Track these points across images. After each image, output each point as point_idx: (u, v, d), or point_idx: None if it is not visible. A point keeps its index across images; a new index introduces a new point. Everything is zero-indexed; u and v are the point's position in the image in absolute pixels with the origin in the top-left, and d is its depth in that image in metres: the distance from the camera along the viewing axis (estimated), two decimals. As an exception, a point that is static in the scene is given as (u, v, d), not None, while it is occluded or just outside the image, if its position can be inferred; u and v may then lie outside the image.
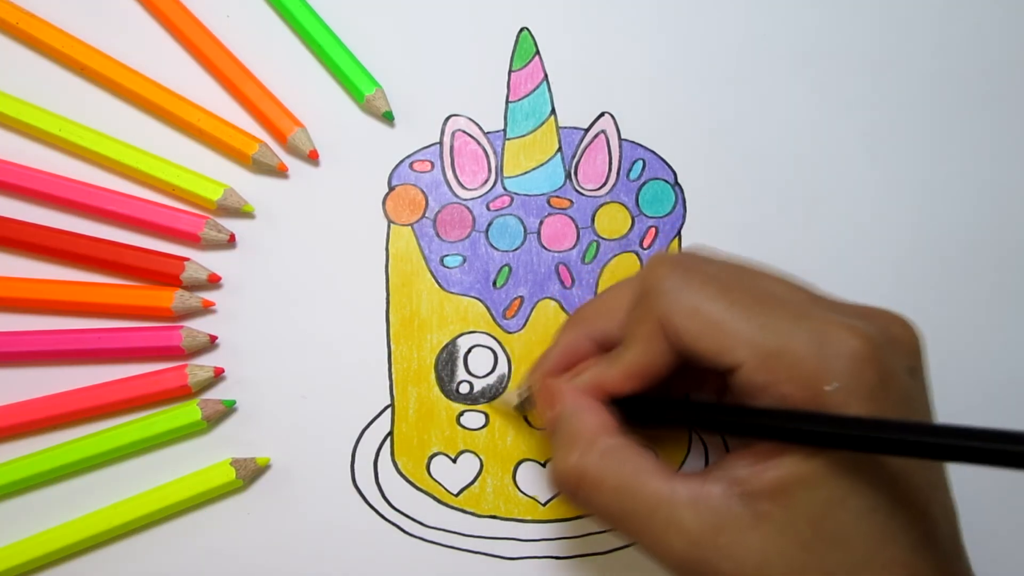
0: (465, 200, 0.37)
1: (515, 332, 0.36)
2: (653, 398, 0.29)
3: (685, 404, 0.29)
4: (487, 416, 0.36)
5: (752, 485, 0.25)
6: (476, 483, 0.35)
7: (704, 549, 0.25)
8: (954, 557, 0.26)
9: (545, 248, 0.36)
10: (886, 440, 0.23)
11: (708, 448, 0.35)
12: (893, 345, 0.26)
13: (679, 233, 0.37)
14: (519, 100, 0.37)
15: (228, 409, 0.35)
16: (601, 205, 0.37)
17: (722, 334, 0.26)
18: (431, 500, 0.35)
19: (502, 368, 0.36)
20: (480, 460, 0.35)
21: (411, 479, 0.35)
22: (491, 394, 0.36)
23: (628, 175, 0.37)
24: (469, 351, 0.36)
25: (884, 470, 0.25)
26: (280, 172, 0.36)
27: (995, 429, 0.22)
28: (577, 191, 0.37)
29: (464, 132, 0.37)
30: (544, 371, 0.31)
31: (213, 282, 0.35)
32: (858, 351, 0.24)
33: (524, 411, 0.34)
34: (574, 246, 0.36)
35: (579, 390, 0.29)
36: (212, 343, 0.35)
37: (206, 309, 0.35)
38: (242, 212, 0.36)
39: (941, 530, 0.26)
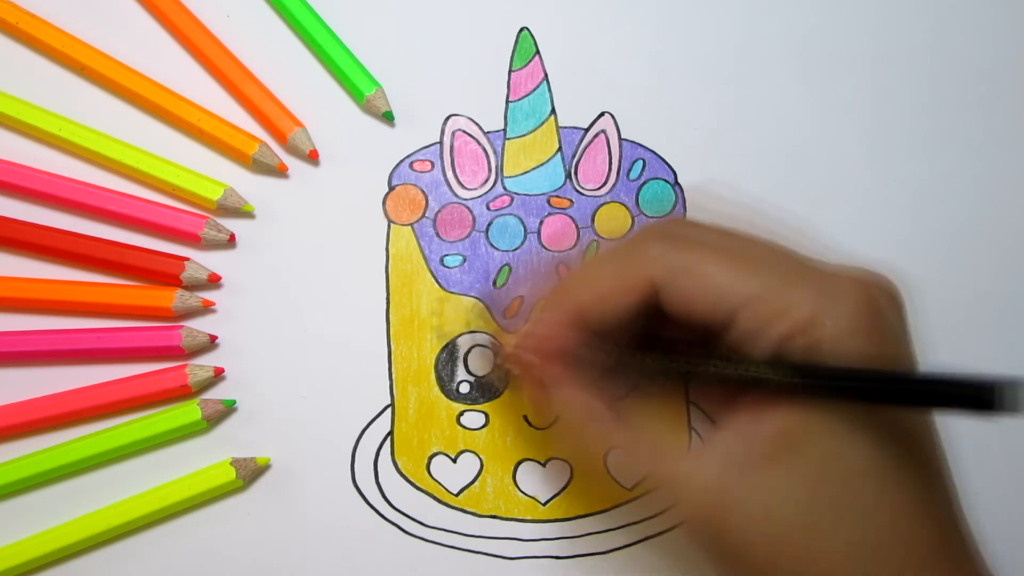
0: (465, 200, 0.37)
1: (515, 332, 0.36)
2: (646, 342, 0.29)
3: (675, 348, 0.29)
4: (487, 416, 0.36)
5: (761, 433, 0.25)
6: (476, 483, 0.35)
7: (718, 494, 0.25)
8: (956, 510, 0.26)
9: (545, 248, 0.36)
10: (880, 390, 0.23)
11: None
12: (889, 297, 0.27)
13: (679, 233, 0.37)
14: (519, 100, 0.37)
15: (228, 409, 0.35)
16: (601, 205, 0.37)
17: (717, 286, 0.26)
18: (431, 500, 0.35)
19: (502, 368, 0.36)
20: (480, 460, 0.35)
21: (411, 479, 0.35)
22: (491, 394, 0.36)
23: (628, 175, 0.37)
24: (469, 351, 0.36)
25: (885, 415, 0.25)
26: (280, 172, 0.36)
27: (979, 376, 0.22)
28: (577, 191, 0.37)
29: (464, 132, 0.37)
30: (528, 350, 0.30)
31: (213, 282, 0.35)
32: (861, 301, 0.25)
33: (504, 371, 0.34)
34: (574, 246, 0.36)
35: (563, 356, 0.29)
36: (212, 343, 0.35)
37: (206, 309, 0.35)
38: (242, 212, 0.36)
39: (944, 480, 0.26)
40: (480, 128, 0.37)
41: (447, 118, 0.37)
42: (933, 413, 0.27)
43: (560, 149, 0.37)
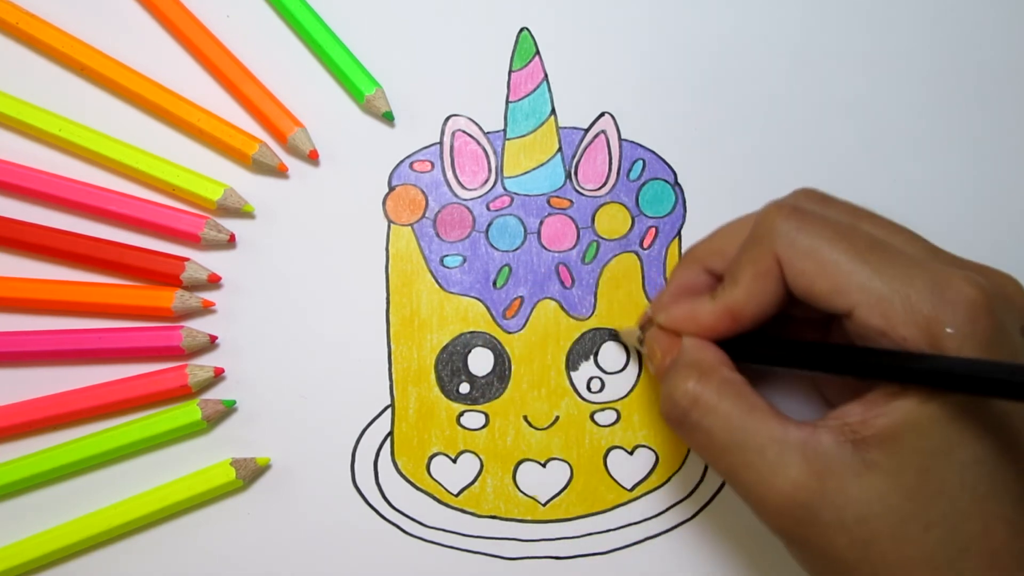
0: (465, 200, 0.37)
1: (515, 332, 0.36)
2: (765, 338, 0.29)
3: (801, 344, 0.29)
4: (487, 416, 0.36)
5: (863, 432, 0.25)
6: (476, 483, 0.35)
7: (809, 493, 0.25)
8: None
9: (545, 248, 0.36)
10: (1013, 383, 0.22)
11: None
12: (1007, 301, 0.26)
13: (679, 233, 0.37)
14: (519, 100, 0.37)
15: (228, 409, 0.35)
16: (601, 205, 0.37)
17: (838, 276, 0.26)
18: (431, 500, 0.35)
19: (502, 368, 0.36)
20: (480, 460, 0.35)
21: (411, 479, 0.35)
22: (491, 394, 0.36)
23: (628, 175, 0.37)
24: (469, 351, 0.36)
25: (994, 422, 0.25)
26: (280, 172, 0.36)
27: None
28: (577, 191, 0.37)
29: (464, 132, 0.37)
30: (660, 308, 0.30)
31: (213, 282, 0.35)
32: (975, 301, 0.24)
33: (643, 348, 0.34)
34: (574, 246, 0.36)
35: (682, 327, 0.29)
36: (212, 343, 0.35)
37: (206, 309, 0.35)
38: (242, 212, 0.36)
39: None
40: (480, 128, 0.37)
41: (447, 118, 0.37)
42: None
43: (560, 149, 0.37)
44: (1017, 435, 0.25)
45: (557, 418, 0.36)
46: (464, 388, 0.36)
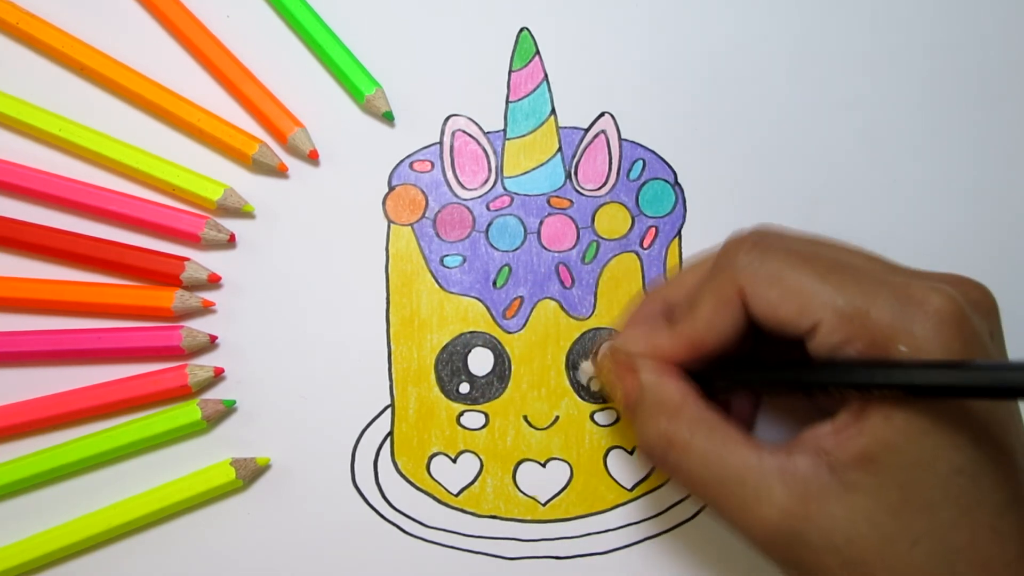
0: (465, 200, 0.37)
1: (515, 332, 0.36)
2: (726, 361, 0.29)
3: (762, 365, 0.29)
4: (487, 416, 0.36)
5: (839, 455, 0.25)
6: (476, 483, 0.35)
7: (794, 518, 0.25)
8: None
9: (545, 248, 0.36)
10: (972, 387, 0.23)
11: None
12: (974, 308, 0.26)
13: (679, 233, 0.37)
14: (519, 100, 0.37)
15: (228, 409, 0.35)
16: (601, 205, 0.37)
17: (802, 298, 0.26)
18: (431, 500, 0.35)
19: (502, 368, 0.36)
20: (480, 460, 0.35)
21: (411, 479, 0.35)
22: (491, 394, 0.36)
23: (628, 175, 0.37)
24: (469, 351, 0.36)
25: (971, 432, 0.25)
26: (280, 172, 0.36)
27: None
28: (577, 191, 0.37)
29: (464, 132, 0.37)
30: (614, 344, 0.31)
31: (213, 282, 0.35)
32: (942, 309, 0.25)
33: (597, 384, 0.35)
34: (574, 246, 0.36)
35: (651, 359, 0.29)
36: (212, 343, 0.35)
37: (206, 309, 0.35)
38: (242, 212, 0.36)
39: None
40: (480, 128, 0.37)
41: (447, 118, 0.37)
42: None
43: (560, 149, 0.37)
44: (996, 440, 0.25)
45: (557, 418, 0.36)
46: (464, 388, 0.36)
